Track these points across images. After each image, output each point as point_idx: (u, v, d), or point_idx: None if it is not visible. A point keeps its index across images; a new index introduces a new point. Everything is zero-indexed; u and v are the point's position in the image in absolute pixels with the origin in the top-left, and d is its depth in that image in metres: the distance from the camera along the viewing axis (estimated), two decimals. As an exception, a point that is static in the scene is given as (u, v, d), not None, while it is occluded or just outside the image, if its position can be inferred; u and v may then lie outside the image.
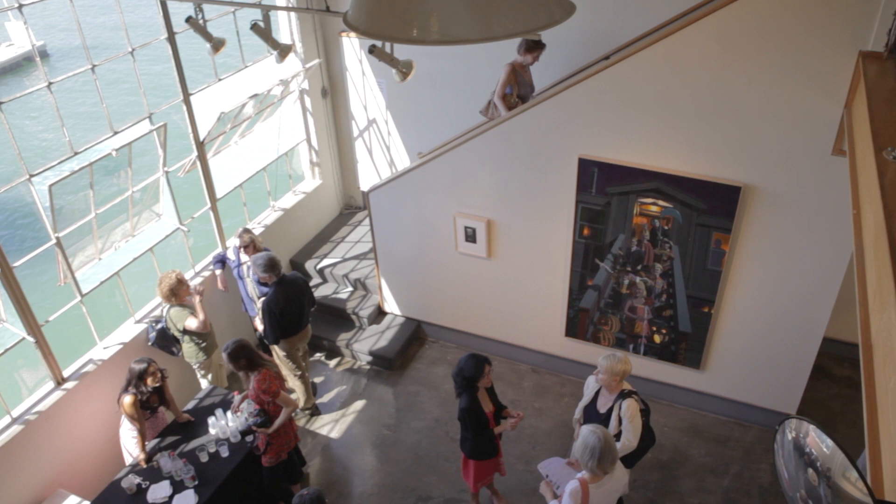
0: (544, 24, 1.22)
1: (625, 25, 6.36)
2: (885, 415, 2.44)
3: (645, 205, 5.83)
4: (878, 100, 4.00)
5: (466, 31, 1.18)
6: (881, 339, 2.72)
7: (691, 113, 5.34)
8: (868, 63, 4.47)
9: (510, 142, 6.12)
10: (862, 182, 3.75)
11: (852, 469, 4.37)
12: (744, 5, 4.80)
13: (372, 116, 8.23)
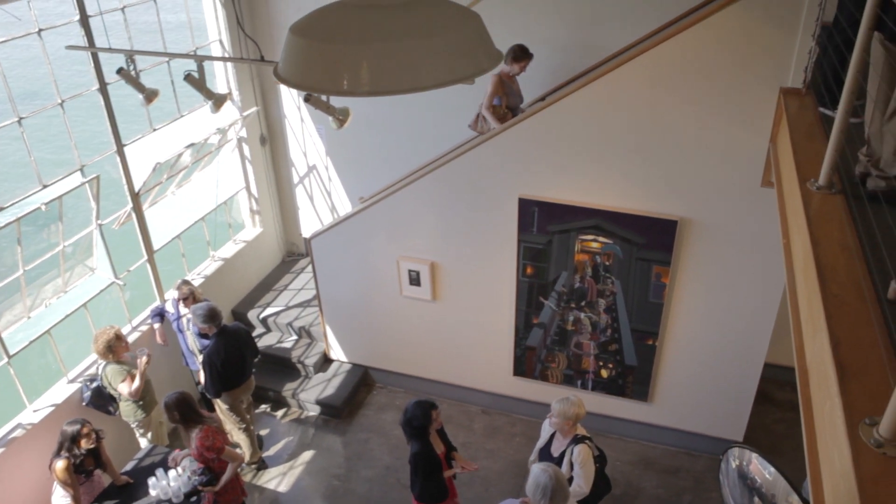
0: (472, 74, 1.23)
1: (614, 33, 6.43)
2: (823, 439, 2.49)
3: (586, 242, 5.93)
4: (800, 133, 4.19)
5: (396, 82, 1.18)
6: (815, 363, 2.79)
7: (627, 150, 5.49)
8: (789, 98, 4.69)
9: (450, 184, 6.16)
10: (790, 212, 3.89)
11: (794, 494, 4.44)
12: (673, 45, 4.99)
13: (312, 162, 8.20)
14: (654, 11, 6.06)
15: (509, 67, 6.30)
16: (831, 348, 2.49)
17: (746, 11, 4.75)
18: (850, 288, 2.80)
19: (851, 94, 3.28)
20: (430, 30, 1.21)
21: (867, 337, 2.52)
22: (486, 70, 1.24)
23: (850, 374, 2.36)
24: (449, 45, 1.21)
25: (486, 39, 1.29)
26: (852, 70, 3.24)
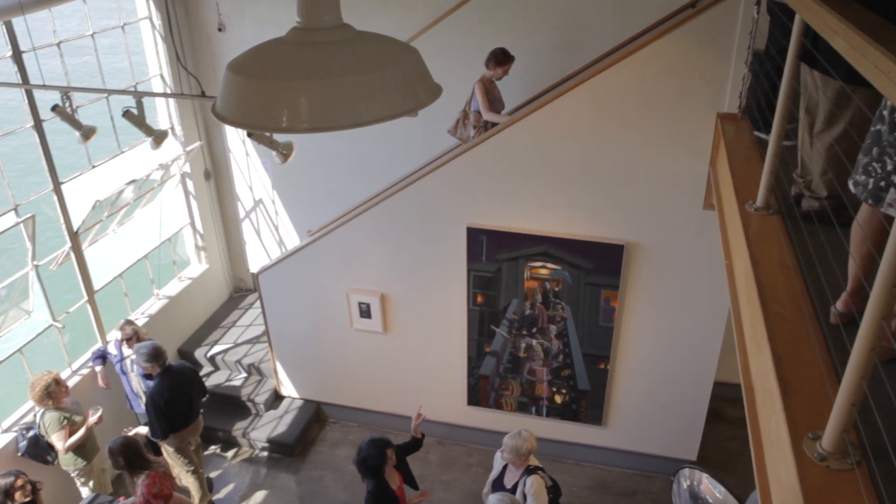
0: (411, 108, 1.23)
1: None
2: (770, 454, 2.53)
3: (535, 268, 5.98)
4: (737, 157, 4.32)
5: (335, 118, 1.18)
6: (760, 381, 2.84)
7: (572, 176, 5.58)
8: (726, 123, 4.85)
9: (398, 215, 6.16)
10: (730, 233, 3.99)
11: (744, 512, 4.47)
12: (614, 73, 5.12)
13: (258, 196, 8.10)
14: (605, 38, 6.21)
15: (492, 72, 6.13)
16: (774, 365, 2.54)
17: (683, 39, 4.92)
18: (789, 306, 2.88)
19: (783, 119, 3.40)
20: (369, 65, 1.21)
21: (808, 353, 2.58)
22: (425, 104, 1.25)
23: (793, 390, 2.41)
24: (388, 80, 1.21)
25: (425, 74, 1.29)
26: (782, 96, 3.37)
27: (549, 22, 6.38)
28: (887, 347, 2.27)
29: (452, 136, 6.55)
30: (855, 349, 1.94)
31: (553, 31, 6.37)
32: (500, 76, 6.16)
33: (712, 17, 4.81)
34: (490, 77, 6.15)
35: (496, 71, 6.10)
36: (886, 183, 2.41)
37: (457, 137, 6.52)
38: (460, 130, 6.42)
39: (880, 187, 2.43)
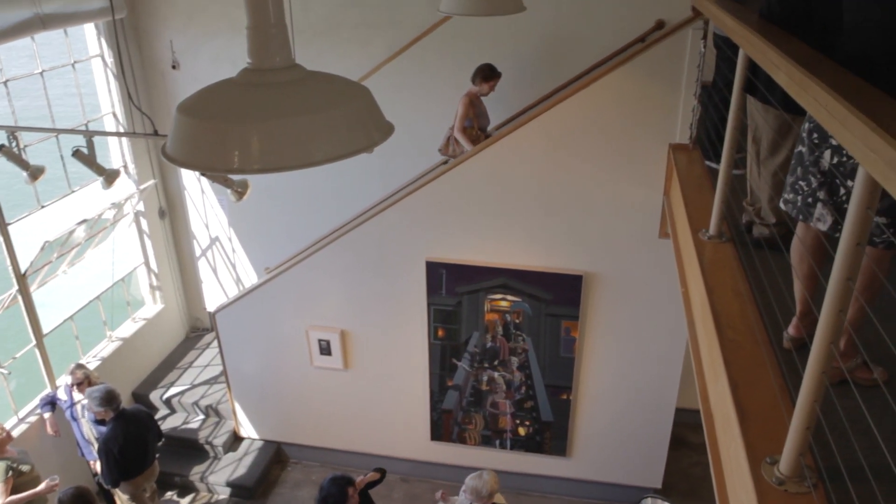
0: (363, 147, 1.23)
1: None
2: (731, 479, 2.55)
3: (495, 301, 5.99)
4: (690, 186, 4.42)
5: (287, 158, 1.18)
6: (718, 407, 2.88)
7: (530, 208, 5.64)
8: (678, 154, 4.98)
9: (357, 250, 6.13)
10: (685, 262, 4.06)
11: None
12: (569, 105, 5.23)
13: (214, 234, 7.99)
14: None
15: (478, 88, 6.08)
16: (731, 392, 2.58)
17: (634, 73, 5.05)
18: (744, 332, 2.93)
19: (731, 149, 3.50)
20: (320, 105, 1.21)
21: (763, 379, 2.63)
22: (377, 143, 1.25)
23: (750, 415, 2.44)
24: (339, 120, 1.21)
25: (376, 112, 1.30)
26: (730, 127, 3.47)
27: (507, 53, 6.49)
28: (837, 370, 2.32)
29: (443, 154, 6.47)
30: (807, 374, 1.98)
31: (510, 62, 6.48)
32: (487, 92, 6.12)
33: (661, 51, 4.96)
34: (476, 93, 6.11)
35: (482, 87, 6.07)
36: (813, 199, 2.53)
37: (447, 155, 6.43)
38: (452, 147, 6.34)
39: (808, 203, 2.55)
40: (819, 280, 2.53)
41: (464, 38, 6.52)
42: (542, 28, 5.95)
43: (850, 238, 1.73)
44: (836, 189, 2.47)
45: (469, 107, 6.07)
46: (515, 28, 5.87)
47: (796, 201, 2.63)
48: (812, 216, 2.57)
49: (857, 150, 1.59)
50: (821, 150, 2.49)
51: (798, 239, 2.73)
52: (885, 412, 2.07)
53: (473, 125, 6.18)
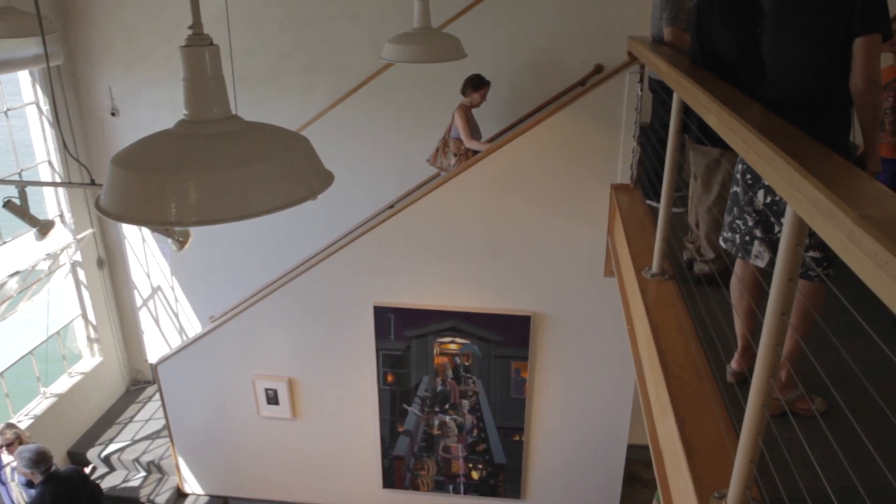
0: (303, 197, 1.23)
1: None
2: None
3: (444, 344, 5.97)
4: (632, 225, 4.52)
5: (225, 210, 1.16)
6: (666, 443, 2.90)
7: (477, 250, 5.68)
8: (620, 193, 5.10)
9: (303, 296, 6.06)
10: (630, 300, 4.13)
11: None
12: (513, 148, 5.32)
13: (156, 283, 7.80)
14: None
15: (469, 99, 5.97)
16: (678, 428, 2.61)
17: (575, 115, 5.18)
18: (689, 368, 2.98)
19: (670, 188, 3.60)
20: (258, 156, 1.21)
21: (708, 414, 2.67)
22: (317, 193, 1.25)
23: (697, 451, 2.47)
24: (278, 170, 1.21)
25: (316, 161, 1.30)
26: (667, 166, 3.57)
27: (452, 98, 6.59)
28: (779, 402, 2.38)
29: (432, 165, 6.35)
30: (748, 408, 2.02)
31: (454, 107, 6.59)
32: (478, 102, 6.03)
33: (601, 94, 5.11)
34: (468, 104, 6.02)
35: (473, 97, 5.97)
36: (750, 237, 2.63)
37: (436, 167, 6.33)
38: (440, 160, 6.23)
39: (746, 241, 2.65)
40: (758, 315, 2.60)
41: (408, 83, 6.61)
42: (485, 72, 6.08)
43: (783, 274, 1.79)
44: (770, 227, 2.57)
45: (466, 118, 5.96)
46: (459, 73, 5.98)
47: (735, 240, 2.72)
48: (751, 254, 2.66)
49: (784, 190, 1.66)
50: (754, 190, 2.59)
51: (736, 276, 2.81)
52: (824, 442, 2.12)
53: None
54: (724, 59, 3.35)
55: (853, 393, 2.29)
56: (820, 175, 1.51)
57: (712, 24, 3.34)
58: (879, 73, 2.35)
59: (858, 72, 2.31)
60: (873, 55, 2.29)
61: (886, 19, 2.29)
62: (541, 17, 6.25)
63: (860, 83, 2.31)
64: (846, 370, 2.07)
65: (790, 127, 2.14)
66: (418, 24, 3.92)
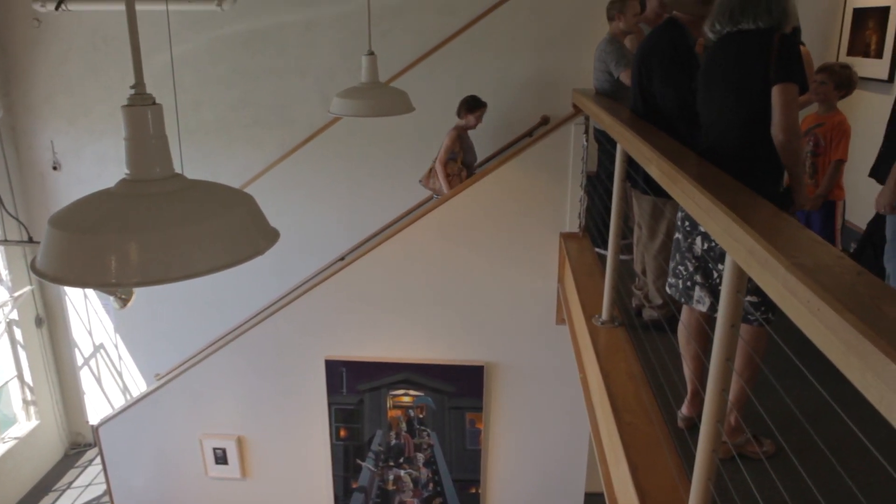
0: (248, 256, 1.22)
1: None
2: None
3: (397, 397, 5.90)
4: (581, 273, 4.59)
5: (167, 271, 1.14)
6: (621, 490, 2.90)
7: (429, 302, 5.66)
8: (569, 242, 5.19)
9: (252, 352, 5.94)
10: (581, 347, 4.16)
11: None
12: (463, 199, 5.37)
13: (99, 341, 7.55)
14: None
15: (464, 121, 5.89)
16: (631, 475, 2.61)
17: (523, 166, 5.28)
18: (640, 414, 3.00)
19: (617, 236, 3.67)
20: (202, 215, 1.20)
21: (660, 460, 2.68)
22: (262, 250, 1.24)
23: (650, 497, 2.47)
24: (221, 229, 1.19)
25: (261, 219, 1.29)
26: (614, 215, 3.66)
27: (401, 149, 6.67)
28: (727, 446, 2.41)
29: (424, 186, 6.22)
30: (698, 453, 2.04)
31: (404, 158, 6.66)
32: (474, 124, 5.94)
33: (547, 145, 5.23)
34: (463, 126, 5.93)
35: (468, 118, 5.89)
36: (691, 283, 2.70)
37: (428, 188, 6.21)
38: (432, 181, 6.11)
39: (688, 287, 2.71)
40: (704, 361, 2.65)
41: (356, 137, 6.67)
42: (433, 125, 6.18)
43: (725, 321, 1.83)
44: (709, 272, 2.64)
45: (455, 140, 5.88)
46: (407, 126, 6.07)
47: (678, 285, 2.79)
48: (692, 299, 2.73)
49: (722, 239, 1.72)
50: (693, 237, 2.67)
51: (682, 322, 2.87)
52: (774, 485, 2.14)
53: (457, 159, 5.98)
54: (664, 111, 3.48)
55: (801, 434, 2.33)
56: (755, 224, 1.56)
57: (653, 77, 3.48)
58: (797, 120, 2.50)
59: (777, 119, 2.44)
60: (790, 103, 2.42)
61: (801, 72, 2.45)
62: (487, 71, 6.42)
63: (778, 130, 2.45)
64: (795, 412, 2.11)
65: (727, 177, 2.22)
66: (366, 78, 3.98)
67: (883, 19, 4.75)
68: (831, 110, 4.00)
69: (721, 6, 2.59)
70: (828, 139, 3.93)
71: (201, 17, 6.45)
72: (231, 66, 6.67)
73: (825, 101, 3.98)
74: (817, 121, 4.02)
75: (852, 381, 1.10)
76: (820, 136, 3.92)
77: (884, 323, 1.07)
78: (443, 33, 6.43)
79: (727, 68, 2.62)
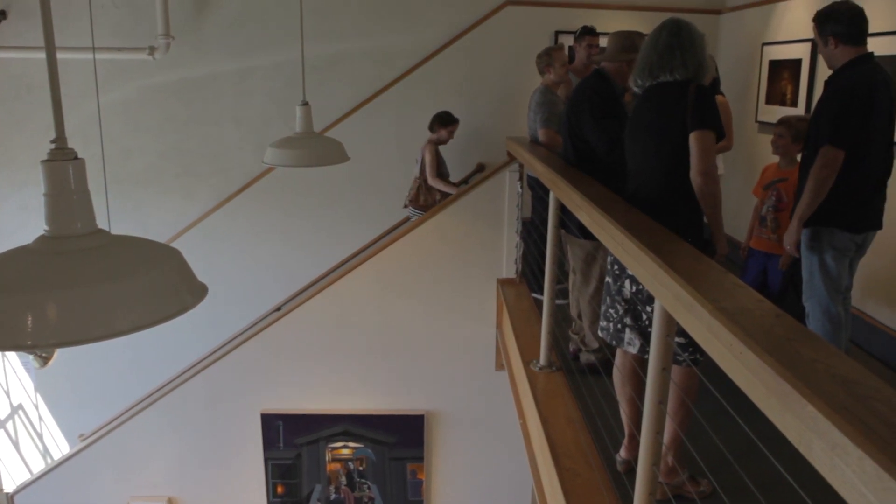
0: (174, 312, 1.18)
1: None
2: None
3: (336, 449, 5.78)
4: (519, 319, 4.63)
5: (87, 331, 1.09)
6: (566, 538, 2.89)
7: (367, 352, 5.61)
8: (506, 288, 5.24)
9: (184, 408, 5.73)
10: (520, 393, 4.17)
11: None
12: (399, 247, 5.38)
13: (17, 402, 7.16)
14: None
15: (437, 135, 5.84)
16: (573, 522, 2.61)
17: (459, 213, 5.35)
18: (580, 460, 3.01)
19: (552, 281, 3.73)
20: (124, 272, 1.16)
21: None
22: (189, 306, 1.20)
23: (593, 545, 2.47)
24: (145, 286, 1.16)
25: (188, 274, 1.26)
26: (549, 261, 3.72)
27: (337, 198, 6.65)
28: (664, 489, 2.43)
29: (413, 208, 6.06)
30: (636, 496, 2.06)
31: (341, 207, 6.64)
32: (446, 138, 5.90)
33: (483, 192, 5.32)
34: (436, 140, 5.89)
35: (441, 133, 5.84)
36: (622, 325, 2.76)
37: (417, 207, 5.99)
38: (423, 198, 5.95)
39: (619, 329, 2.77)
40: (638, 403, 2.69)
41: (291, 186, 6.63)
42: (369, 173, 6.21)
43: (656, 364, 1.87)
44: (638, 314, 2.70)
45: (434, 154, 5.85)
46: (343, 176, 6.07)
47: (609, 328, 2.84)
48: (623, 341, 2.78)
49: (650, 284, 1.76)
50: (622, 280, 2.73)
51: (617, 365, 2.92)
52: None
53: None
54: (594, 158, 3.60)
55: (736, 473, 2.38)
56: (680, 269, 1.61)
57: (582, 125, 3.59)
58: (714, 164, 2.61)
59: (694, 164, 2.57)
60: (707, 149, 2.55)
61: (717, 120, 2.59)
62: (423, 120, 6.48)
63: (696, 174, 2.57)
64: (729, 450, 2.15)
65: (654, 223, 2.30)
66: (300, 128, 3.97)
67: (796, 70, 5.05)
68: (792, 164, 3.85)
69: (641, 62, 2.73)
70: (790, 194, 3.76)
71: (132, 65, 6.37)
72: (163, 115, 6.58)
73: (785, 155, 3.89)
74: (779, 175, 3.94)
75: (773, 421, 1.14)
76: (782, 191, 3.85)
77: (801, 365, 1.12)
78: (378, 82, 6.52)
79: (650, 119, 2.75)
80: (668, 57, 2.63)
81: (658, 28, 2.71)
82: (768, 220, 3.92)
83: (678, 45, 2.62)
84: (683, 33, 2.64)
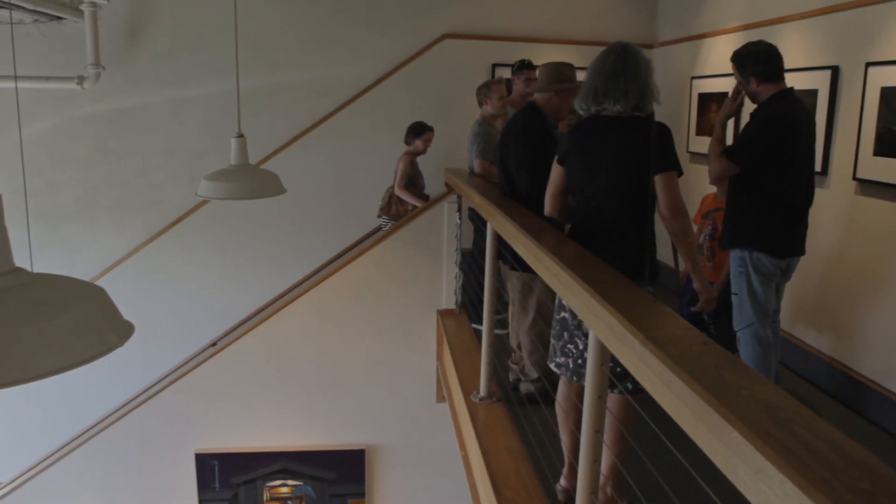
0: (97, 353, 1.14)
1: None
2: None
3: (274, 488, 5.64)
4: (459, 350, 4.62)
5: (2, 375, 1.04)
6: (510, 573, 2.87)
7: (305, 386, 5.52)
8: (446, 319, 5.24)
9: (115, 449, 5.51)
10: (462, 424, 4.15)
11: None
12: (336, 281, 5.34)
13: (-68, 448, 6.73)
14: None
15: (413, 146, 5.79)
16: (515, 556, 2.59)
17: (398, 245, 5.35)
18: (521, 490, 3.01)
19: (491, 312, 3.75)
20: (43, 313, 1.11)
21: (542, 536, 2.68)
22: (113, 346, 1.16)
23: (535, 578, 2.46)
24: (66, 326, 1.11)
25: (113, 313, 1.22)
26: (487, 291, 3.74)
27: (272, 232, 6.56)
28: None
29: (386, 217, 6.01)
30: (577, 528, 2.06)
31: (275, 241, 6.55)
32: (423, 149, 5.83)
33: (421, 223, 5.33)
34: (412, 151, 5.82)
35: (416, 143, 5.78)
36: (583, 360, 2.75)
37: (388, 216, 5.97)
38: (394, 207, 5.94)
39: (579, 364, 2.75)
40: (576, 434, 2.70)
41: (227, 218, 6.51)
42: (304, 206, 6.15)
43: (592, 393, 1.89)
44: None
45: (409, 165, 5.79)
46: (278, 208, 5.99)
47: (568, 364, 2.79)
48: (584, 377, 2.74)
49: (584, 314, 1.79)
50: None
51: (560, 396, 2.92)
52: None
53: (416, 183, 5.92)
54: (519, 193, 3.66)
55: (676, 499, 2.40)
56: (612, 299, 1.64)
57: (509, 158, 3.66)
58: (681, 201, 2.66)
59: (662, 202, 2.62)
60: (672, 187, 2.61)
61: (677, 161, 2.64)
62: (363, 150, 6.50)
63: (665, 211, 2.63)
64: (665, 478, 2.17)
65: (588, 254, 2.34)
66: (235, 160, 3.91)
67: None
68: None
69: (586, 87, 2.73)
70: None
71: (60, 94, 6.18)
72: (93, 146, 6.39)
73: (721, 185, 3.89)
74: (715, 204, 4.01)
75: (702, 448, 1.16)
76: (717, 220, 3.92)
77: (727, 392, 1.15)
78: (317, 114, 6.49)
79: (606, 150, 2.71)
80: (613, 83, 2.63)
81: (605, 51, 2.72)
82: (704, 248, 4.04)
83: (622, 71, 2.63)
84: (630, 59, 2.65)
